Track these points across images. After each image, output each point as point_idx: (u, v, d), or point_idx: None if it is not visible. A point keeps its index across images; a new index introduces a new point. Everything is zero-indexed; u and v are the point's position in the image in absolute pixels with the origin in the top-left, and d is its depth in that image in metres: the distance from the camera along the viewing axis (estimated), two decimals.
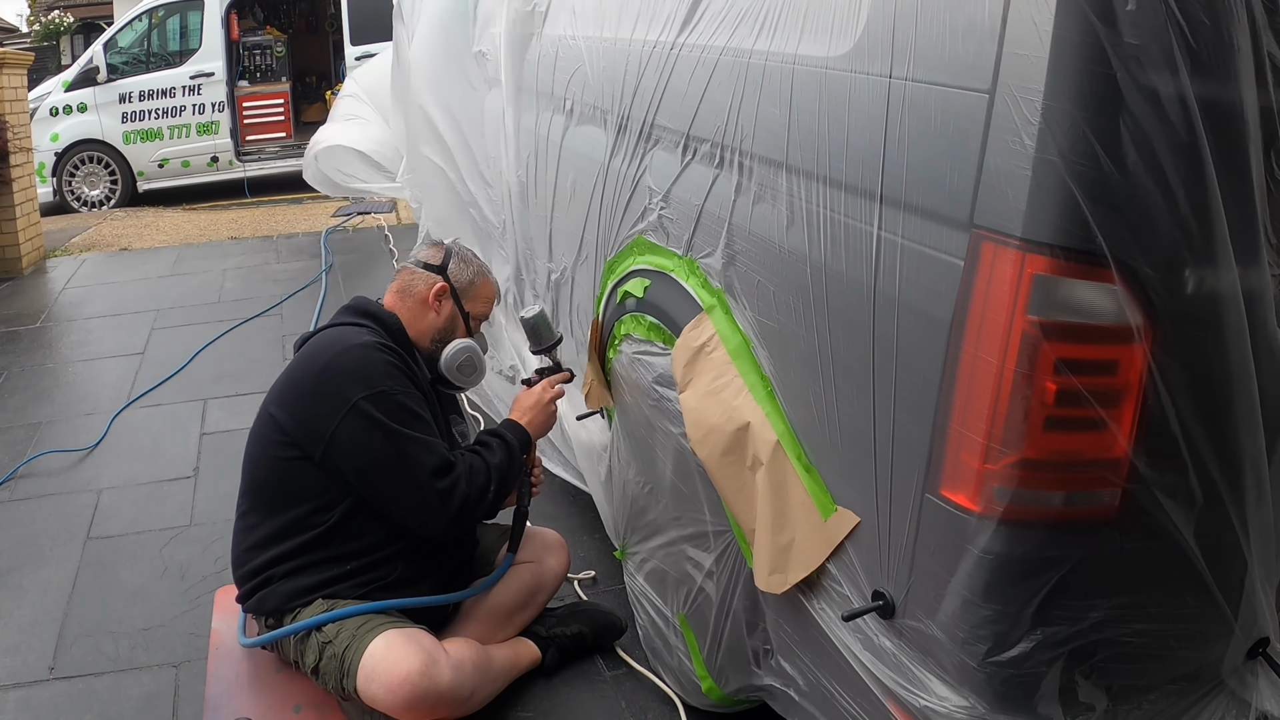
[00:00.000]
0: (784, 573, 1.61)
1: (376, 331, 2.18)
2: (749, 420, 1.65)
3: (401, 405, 2.06)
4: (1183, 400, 1.15)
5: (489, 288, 2.38)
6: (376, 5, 8.38)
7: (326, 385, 2.07)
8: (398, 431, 2.03)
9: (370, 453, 2.04)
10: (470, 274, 2.33)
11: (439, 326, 2.28)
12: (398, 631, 2.06)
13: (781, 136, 1.53)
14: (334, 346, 2.11)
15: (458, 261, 2.33)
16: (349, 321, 2.21)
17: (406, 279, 2.31)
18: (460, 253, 2.36)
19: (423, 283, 2.29)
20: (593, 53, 2.37)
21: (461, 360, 2.27)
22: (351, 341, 2.11)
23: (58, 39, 21.19)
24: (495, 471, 2.14)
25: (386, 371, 2.08)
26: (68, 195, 9.35)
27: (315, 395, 2.08)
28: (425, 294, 2.28)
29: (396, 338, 2.21)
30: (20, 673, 2.45)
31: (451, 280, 2.31)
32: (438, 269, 2.31)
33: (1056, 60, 1.06)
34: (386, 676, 1.99)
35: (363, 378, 2.05)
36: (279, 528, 2.16)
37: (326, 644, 2.08)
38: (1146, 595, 1.23)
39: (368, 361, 2.07)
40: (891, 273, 1.30)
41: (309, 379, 2.11)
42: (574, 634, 2.39)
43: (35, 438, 3.81)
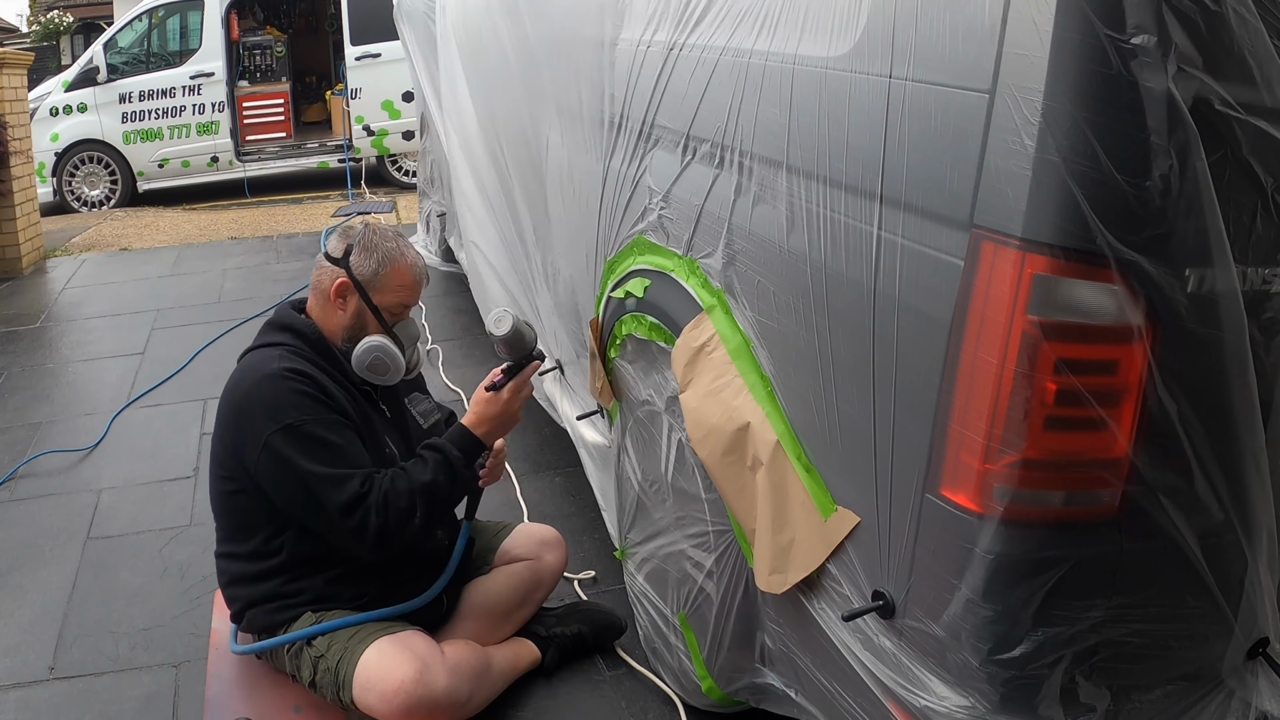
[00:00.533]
0: (784, 573, 1.61)
1: (292, 349, 2.11)
2: (749, 420, 1.65)
3: (310, 436, 1.99)
4: (1183, 400, 1.15)
5: (402, 274, 2.17)
6: (376, 5, 8.38)
7: (242, 423, 2.05)
8: (303, 469, 1.98)
9: (285, 488, 2.02)
10: (374, 263, 2.14)
11: (347, 324, 2.15)
12: (390, 639, 2.06)
13: (781, 136, 1.53)
14: (247, 379, 2.07)
15: (360, 251, 2.15)
16: (267, 342, 2.15)
17: (315, 275, 2.20)
18: (365, 240, 2.16)
19: (327, 278, 2.16)
20: (589, 53, 2.37)
21: (370, 360, 2.12)
22: (262, 372, 2.05)
23: (58, 39, 21.20)
24: (422, 494, 2.02)
25: (293, 401, 2.00)
26: (68, 195, 9.36)
27: (236, 432, 2.07)
28: (329, 290, 2.15)
29: (316, 346, 2.14)
30: (20, 673, 2.45)
31: (353, 273, 2.14)
32: (338, 261, 2.16)
33: (1056, 60, 1.06)
34: (381, 685, 1.99)
35: (268, 413, 2.00)
36: (248, 555, 2.17)
37: (319, 658, 2.08)
38: (1146, 595, 1.23)
39: (275, 394, 2.01)
40: (891, 273, 1.30)
41: (229, 416, 2.09)
42: (574, 633, 2.39)
43: (35, 438, 3.81)
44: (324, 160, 9.95)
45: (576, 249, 2.54)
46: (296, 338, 2.14)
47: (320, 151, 10.05)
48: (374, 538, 1.99)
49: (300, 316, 2.20)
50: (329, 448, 2.01)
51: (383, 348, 2.13)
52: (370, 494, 1.99)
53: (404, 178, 9.67)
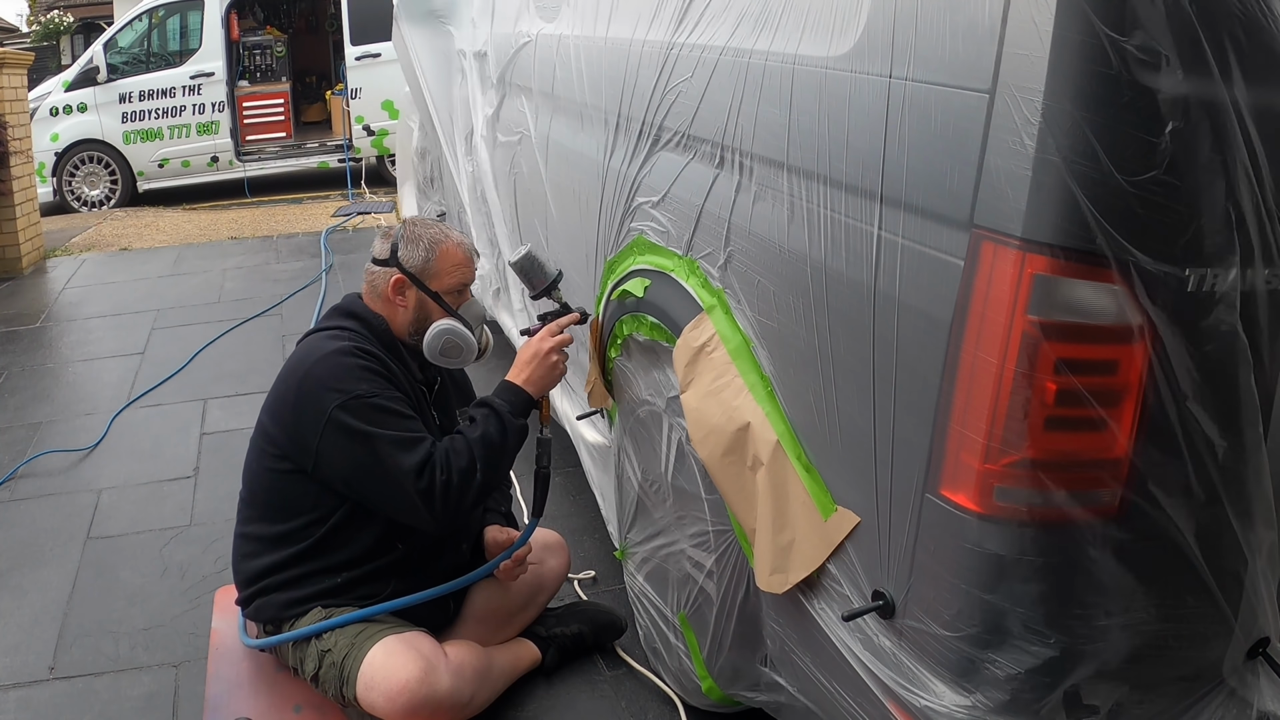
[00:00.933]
0: (784, 573, 1.61)
1: (358, 334, 2.14)
2: (749, 420, 1.65)
3: (377, 407, 2.02)
4: (1182, 400, 1.15)
5: (451, 255, 2.20)
6: (376, 5, 8.38)
7: (305, 398, 2.06)
8: (374, 434, 2.00)
9: (353, 459, 2.02)
10: (422, 253, 2.18)
11: (412, 318, 2.19)
12: (396, 638, 2.06)
13: (781, 136, 1.53)
14: (311, 356, 2.09)
15: (406, 245, 2.19)
16: (332, 326, 2.18)
17: (369, 280, 2.23)
18: (408, 234, 2.21)
19: (381, 280, 2.20)
20: (591, 53, 2.37)
21: (442, 344, 2.16)
22: (327, 349, 2.08)
23: (58, 39, 21.20)
24: (479, 447, 2.04)
25: (359, 375, 2.03)
26: (68, 195, 9.36)
27: (297, 409, 2.07)
28: (386, 291, 2.19)
29: (382, 338, 2.17)
30: (20, 673, 2.45)
31: (405, 267, 2.18)
32: (388, 261, 2.20)
33: (1056, 60, 1.06)
34: (385, 684, 1.99)
35: (336, 385, 2.02)
36: (276, 537, 2.16)
37: (325, 652, 2.08)
38: (1146, 595, 1.23)
39: (340, 367, 2.04)
40: (891, 273, 1.30)
41: (290, 392, 2.10)
42: (574, 634, 2.39)
43: (35, 438, 3.81)
44: (324, 160, 9.96)
45: (576, 249, 2.54)
46: (363, 325, 2.17)
47: (320, 151, 10.05)
48: (440, 499, 2.00)
49: (368, 308, 2.22)
50: (397, 415, 2.03)
51: (452, 329, 2.16)
52: (435, 454, 2.02)
53: None
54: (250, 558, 2.20)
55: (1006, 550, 1.21)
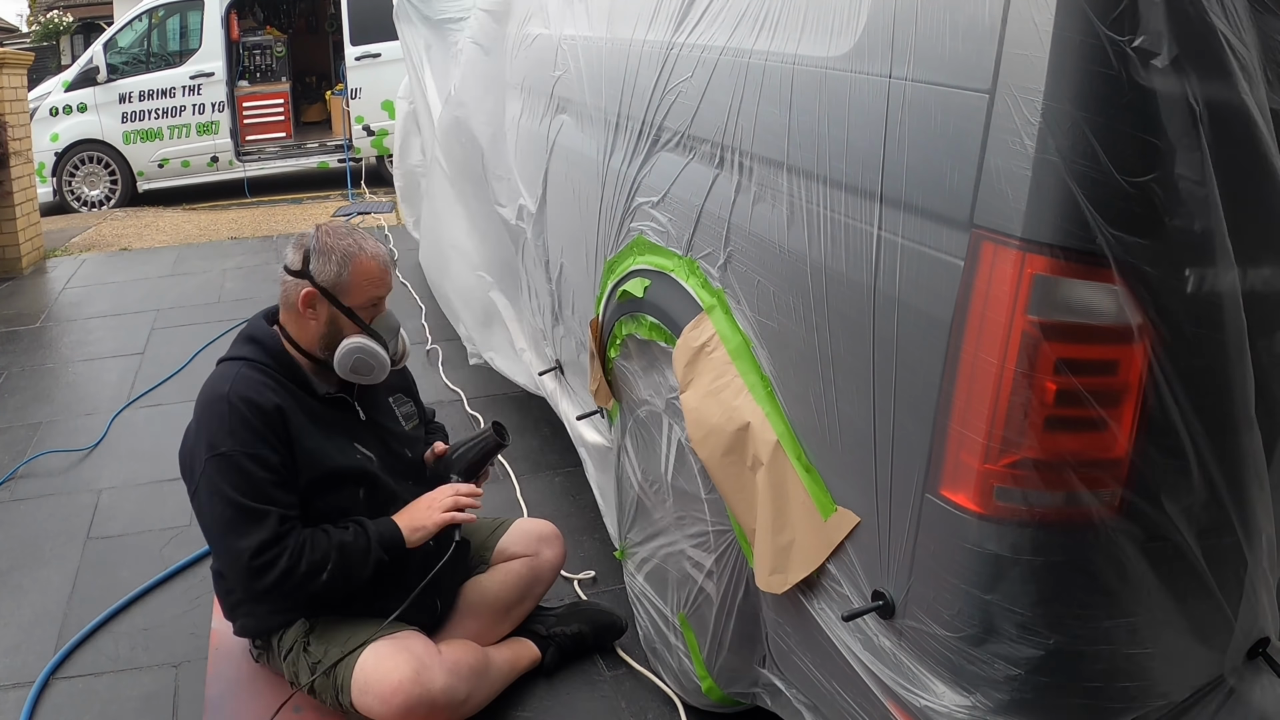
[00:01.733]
0: (784, 573, 1.61)
1: (254, 362, 2.11)
2: (749, 420, 1.65)
3: (238, 469, 1.98)
4: (1183, 400, 1.15)
5: (366, 268, 2.11)
6: (376, 5, 8.38)
7: (191, 444, 2.08)
8: (229, 498, 1.98)
9: (205, 512, 2.04)
10: (334, 267, 2.09)
11: (321, 333, 2.12)
12: (387, 640, 2.05)
13: (781, 136, 1.53)
14: (204, 397, 2.09)
15: (319, 257, 2.10)
16: (234, 355, 2.16)
17: (283, 288, 2.16)
18: (320, 244, 2.11)
19: (293, 291, 2.12)
20: (590, 53, 2.37)
21: (352, 363, 2.10)
22: (217, 392, 2.06)
23: (58, 39, 21.20)
24: (337, 554, 2.01)
25: (232, 428, 2.00)
26: (68, 195, 9.36)
27: (188, 452, 2.09)
28: (296, 303, 2.12)
29: (278, 359, 2.13)
30: (20, 673, 2.45)
31: (317, 281, 2.10)
32: (299, 273, 2.11)
33: (1056, 60, 1.06)
34: (379, 687, 1.98)
35: (211, 439, 2.01)
36: None
37: (317, 663, 2.08)
38: (1147, 595, 1.23)
39: (219, 419, 2.02)
40: (891, 273, 1.30)
41: (188, 432, 2.12)
42: (574, 633, 2.39)
43: (35, 438, 3.81)
44: (324, 160, 9.96)
45: (576, 249, 2.54)
46: (260, 351, 2.14)
47: (320, 151, 10.05)
48: (275, 580, 1.98)
49: (269, 327, 2.19)
50: (253, 482, 1.99)
51: (362, 347, 2.10)
52: (289, 536, 1.99)
53: None
54: (220, 580, 2.22)
55: (1006, 550, 1.21)
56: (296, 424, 2.07)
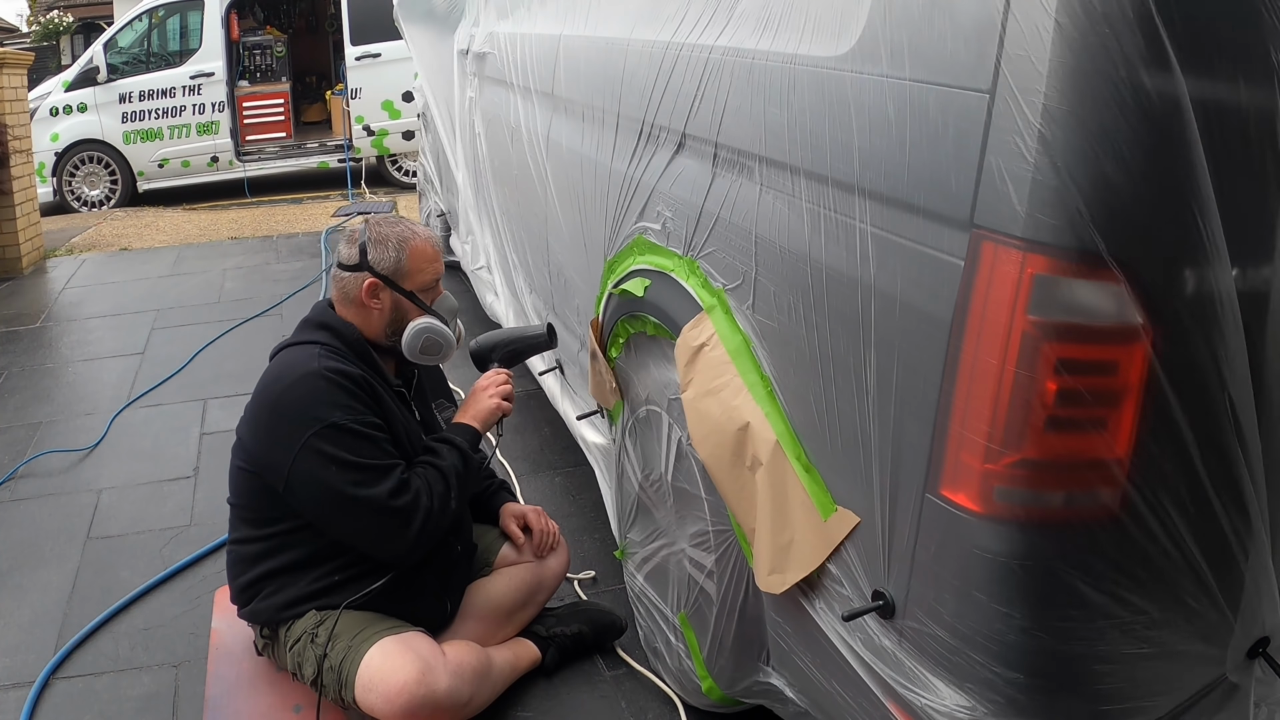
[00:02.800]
0: (784, 573, 1.61)
1: (331, 347, 2.12)
2: (749, 420, 1.65)
3: (354, 434, 2.01)
4: (1183, 400, 1.15)
5: (421, 252, 2.20)
6: (376, 5, 8.38)
7: (279, 423, 2.05)
8: (349, 461, 2.00)
9: (325, 486, 2.02)
10: (393, 254, 2.17)
11: (387, 320, 2.18)
12: (393, 639, 2.06)
13: (781, 136, 1.53)
14: (286, 376, 2.07)
15: (375, 247, 2.18)
16: (304, 340, 2.16)
17: (339, 286, 2.21)
18: (374, 235, 2.19)
19: (353, 285, 2.18)
20: (589, 52, 2.37)
21: (422, 342, 2.16)
22: (302, 370, 2.06)
23: (58, 39, 21.21)
24: (453, 476, 2.12)
25: (335, 400, 2.02)
26: (68, 195, 9.36)
27: (271, 431, 2.07)
28: (359, 296, 2.17)
29: (355, 347, 2.16)
30: (20, 673, 2.45)
31: (377, 270, 2.17)
32: (359, 266, 2.18)
33: (1056, 60, 1.06)
34: (384, 686, 1.99)
35: (312, 412, 2.01)
36: (263, 542, 2.16)
37: (323, 656, 2.07)
38: (1147, 595, 1.23)
39: (316, 393, 2.02)
40: (892, 273, 1.30)
41: (264, 412, 2.09)
42: (574, 633, 2.39)
43: (35, 438, 3.81)
44: (324, 160, 9.96)
45: (576, 248, 2.54)
46: (335, 337, 2.16)
47: (320, 151, 10.05)
48: (421, 522, 2.04)
49: (339, 318, 2.20)
50: (371, 442, 2.04)
51: (431, 327, 2.18)
52: (413, 480, 2.06)
53: (404, 177, 9.67)
54: (242, 563, 2.21)
55: (1006, 550, 1.21)
56: (380, 409, 2.12)
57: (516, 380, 4.02)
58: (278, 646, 2.19)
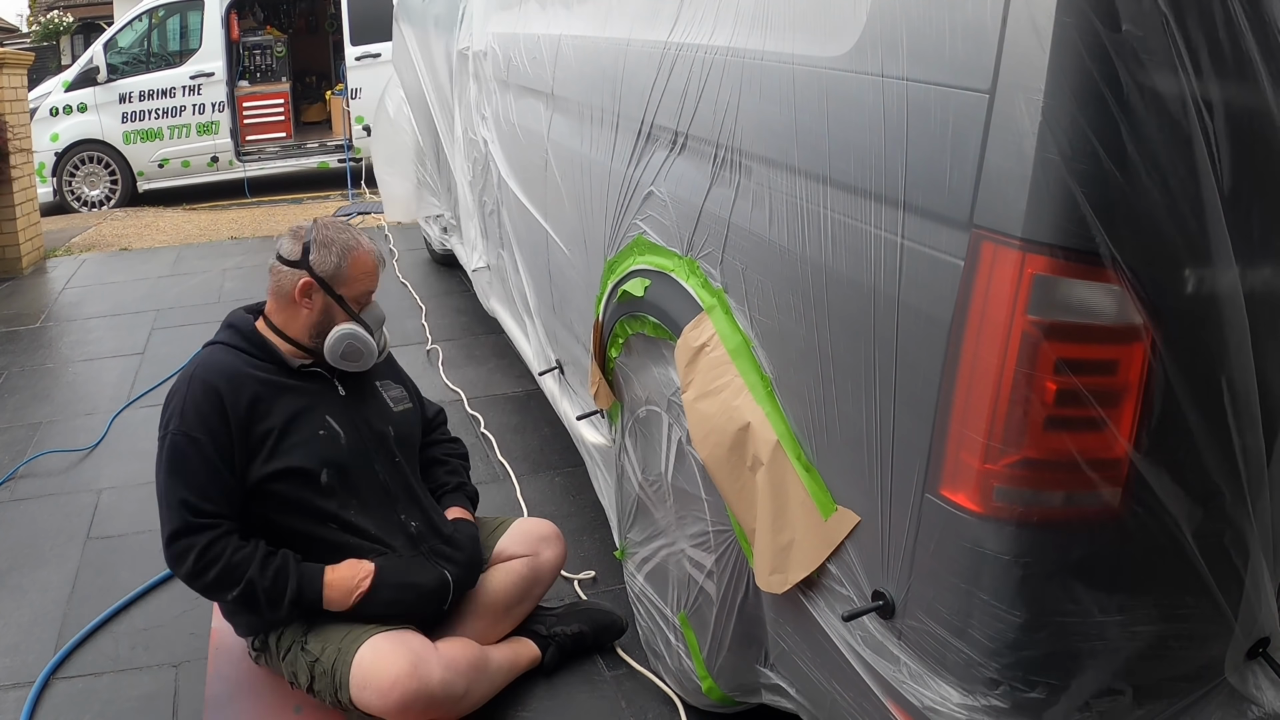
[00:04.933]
0: (784, 572, 1.61)
1: (226, 344, 2.22)
2: (749, 420, 1.65)
3: (176, 448, 2.11)
4: (1183, 400, 1.15)
5: (361, 263, 2.23)
6: (376, 5, 8.39)
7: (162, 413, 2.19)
8: (163, 473, 2.14)
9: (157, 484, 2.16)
10: (334, 259, 2.20)
11: (314, 321, 2.22)
12: (383, 636, 2.06)
13: (781, 136, 1.53)
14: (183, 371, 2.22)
15: (319, 249, 2.21)
16: (213, 340, 2.27)
17: (274, 279, 2.24)
18: (320, 237, 2.22)
19: (288, 281, 2.22)
20: (588, 52, 2.37)
21: (343, 349, 2.21)
22: (186, 372, 2.19)
23: (58, 39, 21.21)
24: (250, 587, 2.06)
25: (183, 409, 2.12)
26: (68, 195, 9.36)
27: None
28: (292, 292, 2.21)
29: (250, 339, 2.23)
30: (20, 673, 2.45)
31: (316, 272, 2.20)
32: (298, 263, 2.22)
33: (1056, 60, 1.06)
34: (377, 681, 1.99)
35: (167, 414, 2.16)
36: None
37: (314, 661, 2.08)
38: (1146, 595, 1.23)
39: (175, 397, 2.15)
40: (892, 273, 1.30)
41: None
42: (574, 633, 2.39)
43: (35, 438, 3.81)
44: (324, 160, 9.96)
45: (576, 248, 2.54)
46: (234, 335, 2.25)
47: (320, 151, 10.05)
48: (187, 573, 2.09)
49: (246, 315, 2.29)
50: (190, 469, 2.11)
51: (355, 334, 2.22)
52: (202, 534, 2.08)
53: None
54: None
55: (1006, 550, 1.21)
56: (260, 405, 2.15)
57: (516, 380, 4.04)
58: (270, 656, 2.19)
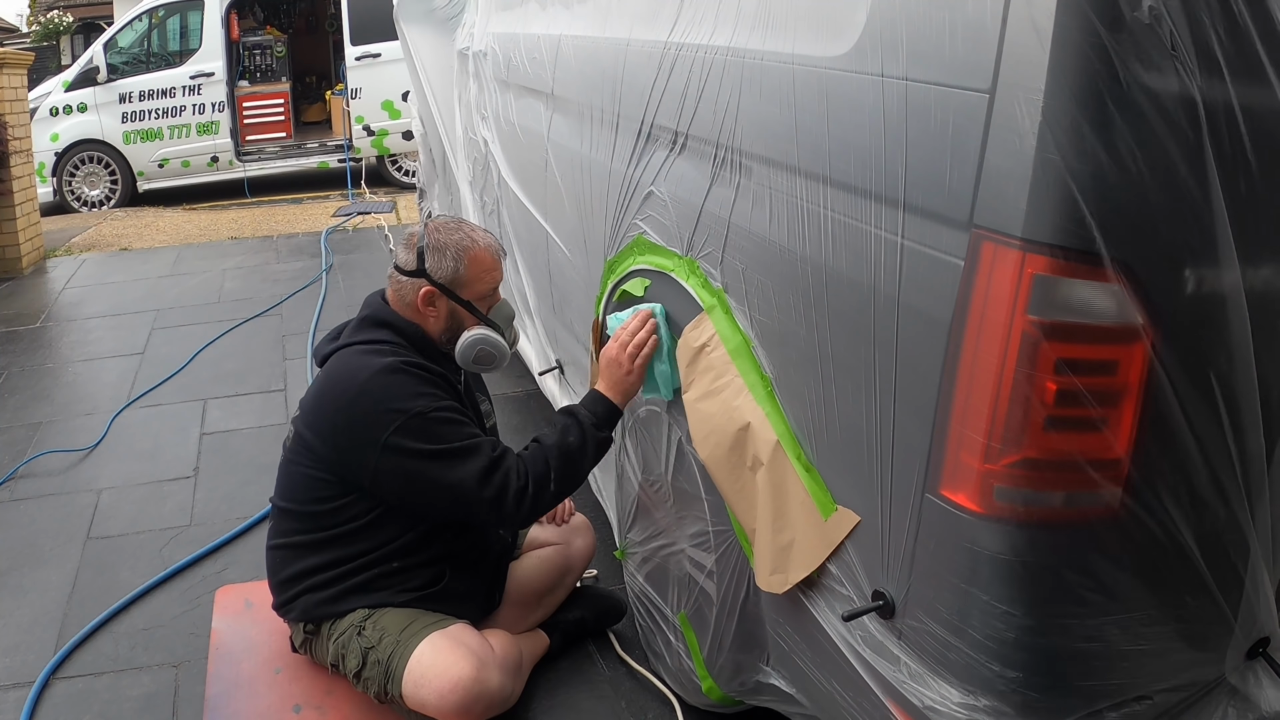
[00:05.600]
0: (784, 572, 1.61)
1: (397, 345, 2.11)
2: (749, 420, 1.65)
3: (436, 420, 2.00)
4: (1183, 400, 1.15)
5: (480, 262, 2.15)
6: (376, 5, 8.38)
7: (360, 419, 2.02)
8: (436, 451, 1.98)
9: (416, 476, 2.01)
10: (451, 262, 2.13)
11: (443, 327, 2.16)
12: (442, 634, 2.06)
13: (781, 136, 1.53)
14: (358, 375, 2.04)
15: (433, 254, 2.13)
16: (368, 340, 2.13)
17: (396, 288, 2.18)
18: (433, 242, 2.14)
19: (410, 290, 2.15)
20: (588, 52, 2.37)
21: (475, 354, 2.14)
22: (373, 366, 2.04)
23: (58, 39, 21.21)
24: (556, 456, 2.01)
25: (415, 391, 2.01)
26: (68, 195, 9.36)
27: (350, 433, 2.04)
28: (415, 302, 2.14)
29: (418, 344, 2.14)
30: (20, 673, 2.45)
31: (434, 278, 2.13)
32: (416, 272, 2.14)
33: (1056, 60, 1.06)
34: (437, 682, 1.99)
35: (392, 405, 1.99)
36: (317, 544, 2.16)
37: (370, 649, 2.07)
38: (1146, 595, 1.23)
39: (392, 386, 2.01)
40: (892, 273, 1.30)
41: (340, 413, 2.06)
42: (576, 619, 2.43)
43: (35, 438, 3.81)
44: (324, 160, 9.96)
45: (576, 248, 2.54)
46: (399, 334, 2.14)
47: (320, 151, 10.05)
48: (513, 503, 1.99)
49: (398, 315, 2.17)
50: (456, 425, 2.02)
51: (485, 339, 2.14)
52: (505, 460, 2.00)
53: (404, 177, 9.67)
54: (292, 563, 2.20)
55: (1006, 550, 1.21)
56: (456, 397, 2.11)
57: (516, 380, 4.03)
58: (318, 641, 2.18)
